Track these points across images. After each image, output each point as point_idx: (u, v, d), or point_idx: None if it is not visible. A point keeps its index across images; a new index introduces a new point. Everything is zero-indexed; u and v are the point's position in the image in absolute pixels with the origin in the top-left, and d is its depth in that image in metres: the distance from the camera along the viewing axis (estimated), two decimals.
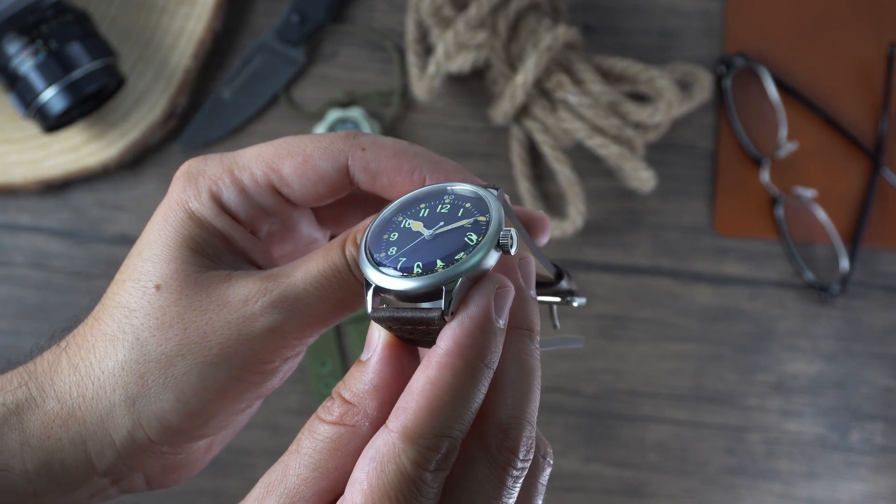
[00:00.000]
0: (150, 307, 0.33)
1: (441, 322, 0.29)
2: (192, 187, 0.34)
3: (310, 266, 0.33)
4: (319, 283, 0.33)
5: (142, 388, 0.33)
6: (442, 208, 0.31)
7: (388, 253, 0.30)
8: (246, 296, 0.33)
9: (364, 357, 0.31)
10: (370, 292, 0.30)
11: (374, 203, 0.39)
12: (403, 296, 0.30)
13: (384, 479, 0.28)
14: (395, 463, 0.28)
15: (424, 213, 0.31)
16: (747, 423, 0.68)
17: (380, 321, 0.30)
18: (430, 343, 0.30)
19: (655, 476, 0.67)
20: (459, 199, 0.31)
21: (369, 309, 0.31)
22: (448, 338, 0.29)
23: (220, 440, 0.40)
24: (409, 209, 0.32)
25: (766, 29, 0.72)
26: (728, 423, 0.68)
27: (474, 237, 0.30)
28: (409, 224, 0.31)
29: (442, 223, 0.31)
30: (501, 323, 0.30)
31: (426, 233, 0.30)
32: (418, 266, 0.29)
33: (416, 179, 0.34)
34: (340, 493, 0.31)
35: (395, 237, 0.31)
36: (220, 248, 0.34)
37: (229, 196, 0.34)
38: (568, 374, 0.68)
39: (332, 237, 0.41)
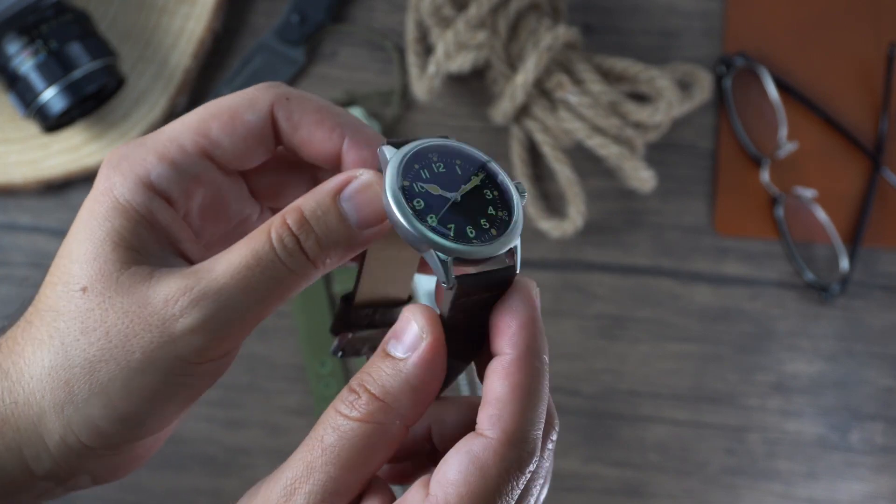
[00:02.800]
0: (77, 310, 0.32)
1: (511, 279, 0.32)
2: (117, 173, 0.33)
3: (231, 257, 0.31)
4: (242, 275, 0.31)
5: (68, 395, 0.31)
6: (438, 167, 0.33)
7: (430, 222, 0.31)
8: (167, 296, 0.31)
9: (397, 353, 0.31)
10: (448, 262, 0.30)
11: (308, 174, 0.38)
12: (479, 261, 0.31)
13: (486, 483, 0.29)
14: (496, 468, 0.29)
15: (426, 174, 0.32)
16: (747, 423, 0.68)
17: (466, 285, 0.31)
18: (477, 326, 0.32)
19: (655, 476, 0.67)
20: (446, 156, 0.33)
21: (452, 277, 0.30)
22: (521, 341, 0.31)
23: (168, 430, 0.38)
24: (409, 172, 0.32)
25: (766, 29, 0.72)
26: (728, 423, 0.68)
27: (491, 194, 0.33)
28: (424, 188, 0.32)
29: (461, 184, 0.32)
30: None
31: (450, 195, 0.32)
32: (470, 230, 0.31)
33: (336, 137, 0.34)
34: (365, 487, 0.31)
35: (423, 205, 0.31)
36: (146, 239, 0.33)
37: (158, 173, 0.33)
38: (568, 374, 0.68)
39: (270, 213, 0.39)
